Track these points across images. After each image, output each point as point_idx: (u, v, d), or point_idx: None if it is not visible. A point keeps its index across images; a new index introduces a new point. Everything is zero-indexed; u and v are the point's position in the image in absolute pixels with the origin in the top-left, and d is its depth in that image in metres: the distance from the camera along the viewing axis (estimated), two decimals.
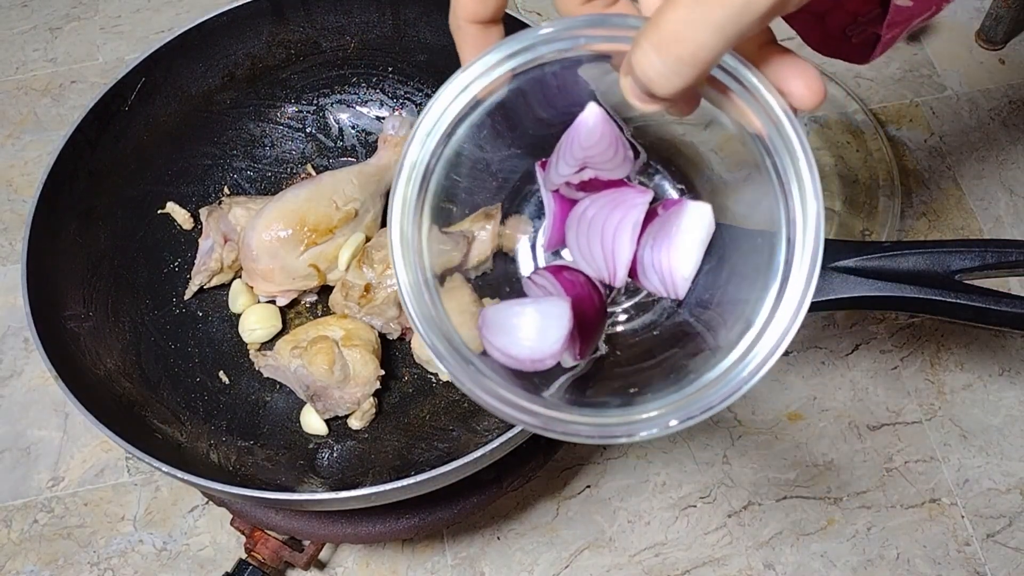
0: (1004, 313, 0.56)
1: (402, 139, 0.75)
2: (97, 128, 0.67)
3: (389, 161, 0.74)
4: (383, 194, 0.74)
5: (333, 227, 0.70)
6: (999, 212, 0.89)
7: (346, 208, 0.70)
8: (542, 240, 0.46)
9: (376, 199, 0.73)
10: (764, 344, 0.35)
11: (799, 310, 0.35)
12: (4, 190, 0.92)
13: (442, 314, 0.39)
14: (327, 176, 0.72)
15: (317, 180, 0.71)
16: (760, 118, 0.35)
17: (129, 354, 0.68)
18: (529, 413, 0.37)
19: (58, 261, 0.64)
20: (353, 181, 0.72)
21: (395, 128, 0.75)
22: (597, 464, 0.77)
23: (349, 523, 0.67)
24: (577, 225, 0.43)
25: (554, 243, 0.45)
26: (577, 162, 0.41)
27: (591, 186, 0.43)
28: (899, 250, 0.59)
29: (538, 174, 0.44)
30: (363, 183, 0.73)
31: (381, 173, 0.74)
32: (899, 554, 0.74)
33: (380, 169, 0.74)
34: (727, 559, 0.74)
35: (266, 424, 0.69)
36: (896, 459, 0.78)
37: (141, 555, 0.74)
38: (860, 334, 0.83)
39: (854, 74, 0.98)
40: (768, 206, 0.36)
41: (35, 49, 1.01)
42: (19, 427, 0.80)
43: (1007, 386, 0.81)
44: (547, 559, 0.74)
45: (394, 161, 0.75)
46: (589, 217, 0.43)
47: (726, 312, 0.40)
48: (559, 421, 0.36)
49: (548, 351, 0.41)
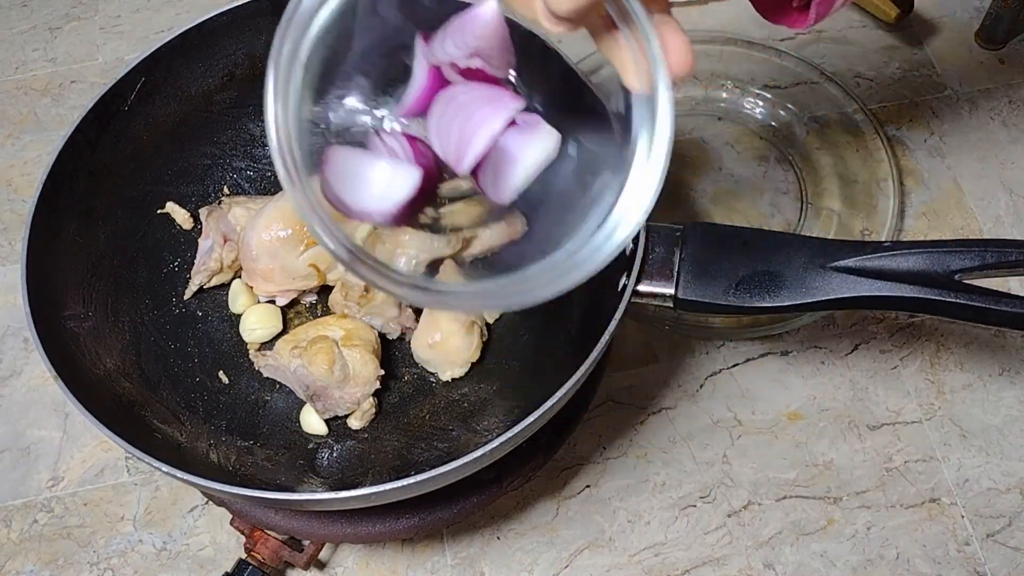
0: (1004, 313, 0.57)
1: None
2: (97, 128, 0.67)
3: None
4: None
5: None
6: (999, 212, 0.89)
7: None
8: (403, 105, 0.46)
9: None
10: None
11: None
12: (4, 190, 0.92)
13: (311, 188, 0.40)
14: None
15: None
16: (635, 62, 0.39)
17: (129, 354, 0.68)
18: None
19: (58, 261, 0.64)
20: None
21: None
22: (597, 464, 0.77)
23: (349, 523, 0.67)
24: (446, 104, 0.44)
25: (412, 112, 0.45)
26: (469, 49, 0.42)
27: (473, 75, 0.44)
28: (899, 250, 0.59)
29: (419, 44, 0.44)
30: None
31: None
32: (899, 554, 0.74)
33: None
34: (727, 559, 0.74)
35: (266, 424, 0.69)
36: (896, 459, 0.78)
37: (141, 555, 0.75)
38: (860, 334, 0.83)
39: (854, 74, 0.98)
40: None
41: (35, 49, 1.01)
42: (19, 427, 0.80)
43: (1007, 386, 0.81)
44: (547, 559, 0.74)
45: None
46: (460, 101, 0.44)
47: (563, 210, 0.44)
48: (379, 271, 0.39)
49: (383, 209, 0.43)
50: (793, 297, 0.59)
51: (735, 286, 0.60)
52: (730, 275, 0.60)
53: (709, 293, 0.61)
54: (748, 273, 0.60)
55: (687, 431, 0.79)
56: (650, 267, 0.61)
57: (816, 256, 0.60)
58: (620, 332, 0.82)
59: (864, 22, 1.01)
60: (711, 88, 0.95)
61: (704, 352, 0.82)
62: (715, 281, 0.61)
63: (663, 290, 0.61)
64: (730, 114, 0.94)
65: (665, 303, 0.61)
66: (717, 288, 0.60)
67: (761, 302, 0.60)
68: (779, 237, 0.62)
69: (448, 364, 0.70)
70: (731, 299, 0.60)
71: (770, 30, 1.01)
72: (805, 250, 0.60)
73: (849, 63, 0.99)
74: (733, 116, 0.94)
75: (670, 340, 0.82)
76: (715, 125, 0.94)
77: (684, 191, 0.90)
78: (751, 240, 0.61)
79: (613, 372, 0.81)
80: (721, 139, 0.93)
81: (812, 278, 0.59)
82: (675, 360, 0.82)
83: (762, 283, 0.60)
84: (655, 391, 0.80)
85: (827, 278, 0.59)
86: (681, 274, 0.61)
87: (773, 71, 0.95)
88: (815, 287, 0.59)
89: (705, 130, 0.94)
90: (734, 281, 0.60)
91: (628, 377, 0.81)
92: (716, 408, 0.79)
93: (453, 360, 0.69)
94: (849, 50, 0.99)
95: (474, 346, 0.69)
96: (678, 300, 0.61)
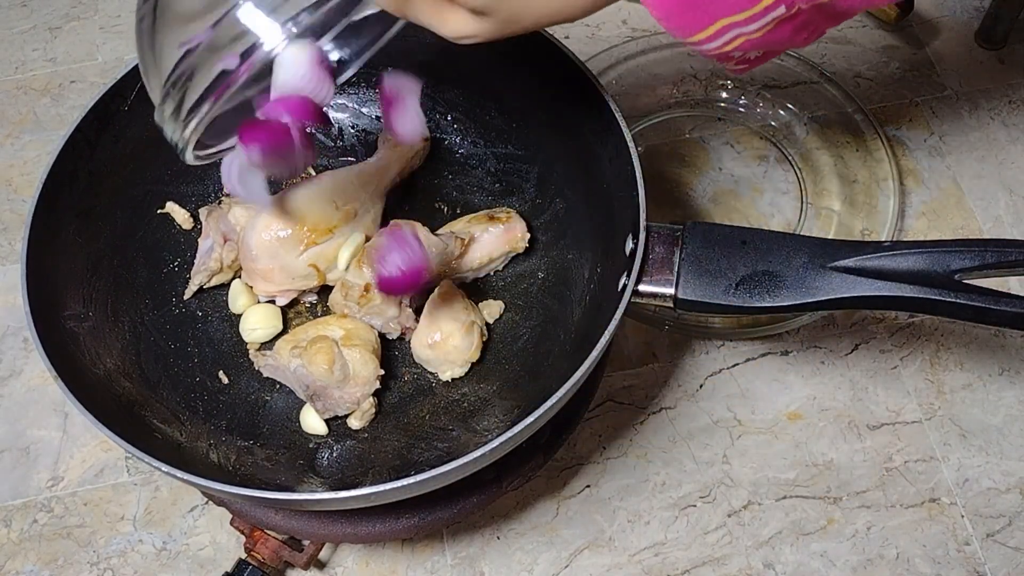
0: (1004, 312, 0.56)
1: (405, 147, 0.74)
2: (97, 128, 0.67)
3: (389, 161, 0.74)
4: (383, 194, 0.74)
5: (333, 227, 0.70)
6: (999, 212, 0.89)
7: (345, 208, 0.70)
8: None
9: (376, 199, 0.73)
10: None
11: None
12: (4, 190, 0.92)
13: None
14: (327, 176, 0.72)
15: (317, 180, 0.71)
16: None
17: (129, 354, 0.68)
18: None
19: (58, 261, 0.64)
20: (353, 181, 0.72)
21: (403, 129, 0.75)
22: (597, 464, 0.77)
23: (349, 523, 0.67)
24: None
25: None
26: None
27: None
28: (899, 250, 0.59)
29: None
30: (363, 183, 0.73)
31: (381, 173, 0.74)
32: (899, 554, 0.74)
33: (380, 169, 0.74)
34: (727, 559, 0.74)
35: (266, 424, 0.69)
36: (896, 459, 0.78)
37: (141, 555, 0.75)
38: (860, 334, 0.83)
39: (854, 74, 0.98)
40: None
41: (34, 49, 1.01)
42: (19, 427, 0.80)
43: (1007, 386, 0.81)
44: (547, 559, 0.74)
45: (394, 161, 0.75)
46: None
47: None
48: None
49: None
50: (793, 297, 0.59)
51: (735, 286, 0.60)
52: (730, 275, 0.60)
53: (709, 293, 0.61)
54: (748, 273, 0.60)
55: (687, 431, 0.79)
56: (650, 267, 0.61)
57: (816, 256, 0.60)
58: (620, 332, 0.82)
59: (864, 22, 1.01)
60: (711, 88, 0.95)
61: (704, 352, 0.82)
62: (715, 281, 0.61)
63: (663, 290, 0.61)
64: (730, 114, 0.94)
65: (665, 303, 0.61)
66: (717, 288, 0.60)
67: (761, 302, 0.60)
68: (779, 237, 0.62)
69: (448, 364, 0.70)
70: (731, 299, 0.60)
71: None
72: (805, 250, 0.60)
73: (849, 63, 0.99)
74: (733, 116, 0.94)
75: (670, 340, 0.82)
76: (715, 125, 0.94)
77: (684, 191, 0.90)
78: (751, 240, 0.61)
79: (613, 372, 0.81)
80: (721, 139, 0.93)
81: (812, 278, 0.59)
82: (675, 360, 0.82)
83: (762, 283, 0.60)
84: (655, 391, 0.80)
85: (827, 278, 0.59)
86: (681, 274, 0.61)
87: (773, 71, 0.95)
88: (815, 287, 0.59)
89: (705, 130, 0.94)
90: (734, 281, 0.60)
91: (628, 377, 0.81)
92: (716, 408, 0.79)
93: (453, 360, 0.69)
94: (849, 50, 0.99)
95: (474, 346, 0.69)
96: (678, 300, 0.61)
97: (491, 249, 0.72)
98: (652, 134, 0.93)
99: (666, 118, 0.94)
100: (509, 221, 0.73)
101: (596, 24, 1.02)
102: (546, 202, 0.76)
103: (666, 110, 0.94)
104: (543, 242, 0.75)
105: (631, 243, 0.62)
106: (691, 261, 0.61)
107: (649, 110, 0.94)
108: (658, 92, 0.95)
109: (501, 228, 0.72)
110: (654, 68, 0.95)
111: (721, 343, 0.82)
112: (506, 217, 0.73)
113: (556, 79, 0.69)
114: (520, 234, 0.73)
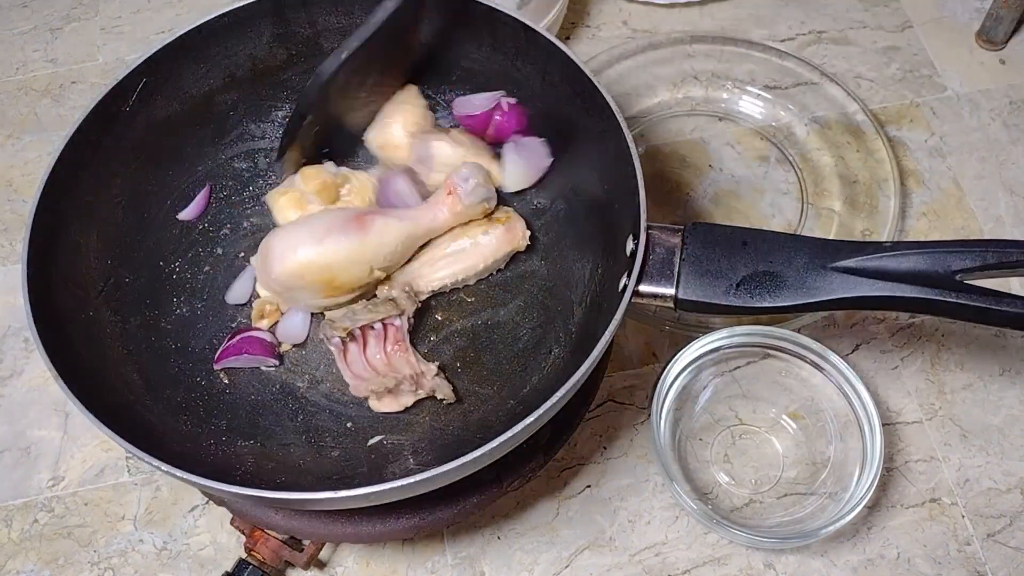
0: (1005, 313, 0.56)
1: (472, 204, 0.70)
2: (97, 128, 0.67)
3: (445, 222, 0.71)
4: (416, 248, 0.71)
5: (354, 289, 0.69)
6: (999, 212, 0.89)
7: (377, 274, 0.69)
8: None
9: (408, 254, 0.71)
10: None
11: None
12: (4, 190, 0.92)
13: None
14: (375, 233, 0.68)
15: (364, 233, 0.67)
16: None
17: (129, 354, 0.68)
18: None
19: (59, 261, 0.64)
20: (399, 246, 0.69)
21: (466, 183, 0.69)
22: (597, 464, 0.77)
23: (349, 523, 0.67)
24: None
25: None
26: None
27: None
28: (899, 250, 0.59)
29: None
30: (408, 246, 0.70)
31: (432, 235, 0.71)
32: (899, 554, 0.74)
33: (432, 231, 0.71)
34: (727, 559, 0.74)
35: (266, 424, 0.69)
36: (896, 459, 0.78)
37: (141, 554, 0.75)
38: (860, 334, 0.83)
39: (854, 74, 0.98)
40: None
41: (35, 49, 1.01)
42: (19, 427, 0.80)
43: (1007, 386, 0.81)
44: (547, 559, 0.74)
45: (450, 222, 0.70)
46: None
47: None
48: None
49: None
50: (794, 297, 0.59)
51: (736, 286, 0.60)
52: (731, 275, 0.60)
53: (710, 293, 0.61)
54: (749, 273, 0.60)
55: (687, 431, 0.79)
56: (651, 267, 0.61)
57: (817, 256, 0.60)
58: (621, 332, 0.82)
59: (864, 22, 1.01)
60: (711, 88, 0.95)
61: None
62: (716, 281, 0.61)
63: (664, 290, 0.61)
64: (730, 114, 0.94)
65: (666, 303, 0.61)
66: (718, 288, 0.60)
67: (762, 302, 0.60)
68: (780, 237, 0.62)
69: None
70: (732, 299, 0.60)
71: (770, 30, 1.01)
72: (806, 250, 0.60)
73: (849, 63, 0.99)
74: (733, 116, 0.94)
75: (670, 340, 0.82)
76: (715, 125, 0.94)
77: (684, 191, 0.90)
78: (752, 240, 0.61)
79: (613, 372, 0.81)
80: (721, 139, 0.93)
81: (813, 278, 0.59)
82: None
83: (763, 283, 0.60)
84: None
85: (828, 278, 0.59)
86: (682, 274, 0.61)
87: (773, 71, 0.95)
88: (816, 287, 0.59)
89: (705, 130, 0.94)
90: (735, 281, 0.60)
91: (629, 377, 0.81)
92: (716, 408, 0.79)
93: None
94: (849, 50, 0.99)
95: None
96: (679, 300, 0.61)
97: (493, 251, 0.72)
98: (653, 134, 0.93)
99: (667, 118, 0.94)
100: (509, 221, 0.73)
101: (596, 24, 1.02)
102: (547, 203, 0.76)
103: (667, 110, 0.94)
104: (544, 243, 0.75)
105: (632, 244, 0.62)
106: (692, 261, 0.61)
107: (649, 110, 0.94)
108: (658, 92, 0.95)
109: (501, 229, 0.72)
110: (654, 68, 0.95)
111: None
112: (505, 217, 0.73)
113: (556, 79, 0.70)
114: (520, 233, 0.73)
